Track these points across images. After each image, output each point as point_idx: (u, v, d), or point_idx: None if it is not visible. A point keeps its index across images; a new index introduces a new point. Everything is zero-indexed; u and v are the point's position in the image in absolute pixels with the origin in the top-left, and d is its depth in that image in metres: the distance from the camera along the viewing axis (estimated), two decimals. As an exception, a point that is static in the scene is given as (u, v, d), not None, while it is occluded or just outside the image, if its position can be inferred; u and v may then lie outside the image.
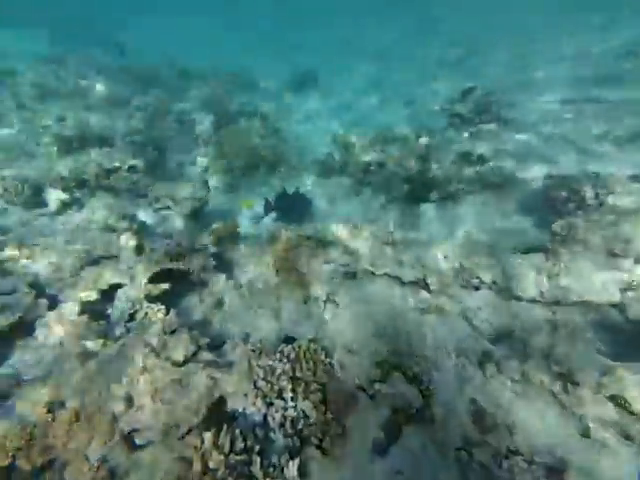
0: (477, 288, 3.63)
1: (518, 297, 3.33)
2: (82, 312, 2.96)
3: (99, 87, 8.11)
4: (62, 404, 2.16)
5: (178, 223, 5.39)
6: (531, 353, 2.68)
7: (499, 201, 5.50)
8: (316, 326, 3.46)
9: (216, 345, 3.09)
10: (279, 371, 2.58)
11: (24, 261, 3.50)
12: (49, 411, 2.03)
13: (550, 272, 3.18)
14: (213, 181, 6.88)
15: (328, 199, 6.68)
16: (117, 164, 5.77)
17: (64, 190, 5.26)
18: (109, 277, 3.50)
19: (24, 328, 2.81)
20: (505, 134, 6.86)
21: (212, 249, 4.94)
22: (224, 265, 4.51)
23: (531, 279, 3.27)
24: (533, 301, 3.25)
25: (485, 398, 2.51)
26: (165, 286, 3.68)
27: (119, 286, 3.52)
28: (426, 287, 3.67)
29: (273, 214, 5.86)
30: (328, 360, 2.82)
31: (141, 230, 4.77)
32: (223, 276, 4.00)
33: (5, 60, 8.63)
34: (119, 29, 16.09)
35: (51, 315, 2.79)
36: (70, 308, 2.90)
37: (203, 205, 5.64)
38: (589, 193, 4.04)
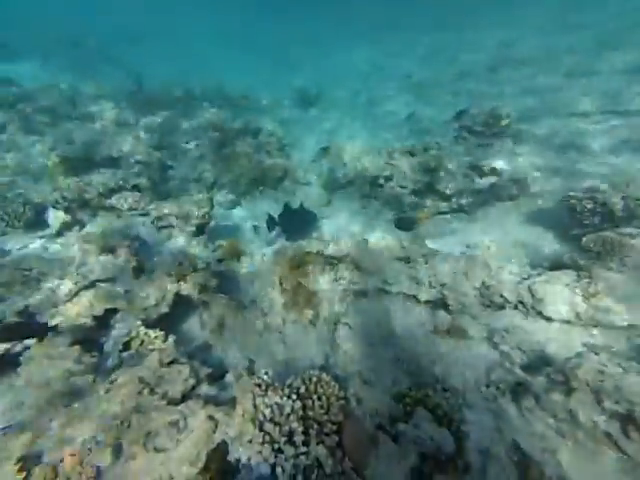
0: (502, 307, 3.30)
1: (548, 318, 2.98)
2: (74, 342, 2.69)
3: (108, 110, 8.22)
4: (38, 457, 1.85)
5: (181, 241, 5.18)
6: (576, 385, 2.31)
7: (516, 214, 5.23)
8: (326, 351, 3.13)
9: (218, 375, 2.78)
10: (288, 410, 2.25)
11: (17, 288, 3.28)
12: (21, 469, 1.72)
13: (586, 291, 2.84)
14: (218, 197, 6.74)
15: (334, 213, 6.47)
16: (120, 183, 5.67)
17: (66, 211, 5.13)
18: (104, 301, 3.25)
19: (9, 360, 2.54)
20: (517, 147, 6.68)
21: (215, 267, 4.72)
22: (227, 284, 4.25)
23: (563, 299, 2.93)
24: (567, 323, 2.90)
25: (527, 441, 2.13)
26: (164, 309, 3.41)
27: (115, 311, 3.27)
28: (445, 307, 3.34)
29: (278, 230, 5.63)
30: (342, 394, 2.48)
31: (141, 250, 4.57)
32: (225, 297, 3.73)
33: (20, 86, 8.86)
34: (128, 50, 16.69)
35: (36, 347, 2.52)
36: (60, 339, 2.63)
37: (207, 222, 5.45)
38: (618, 205, 3.75)
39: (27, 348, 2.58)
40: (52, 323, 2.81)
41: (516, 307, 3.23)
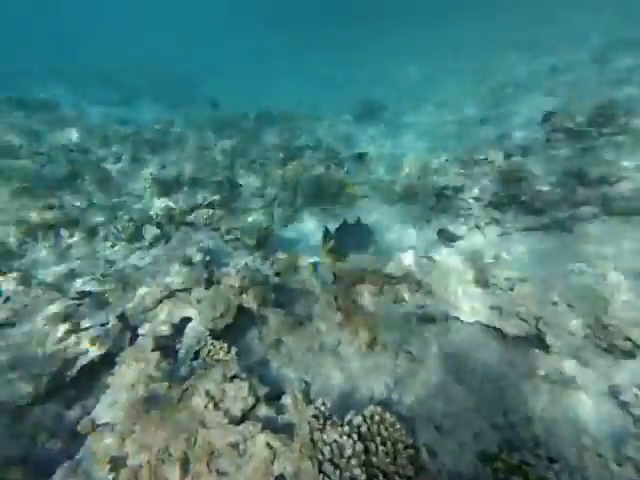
0: (631, 355, 2.46)
1: None
2: (155, 348, 2.98)
3: (191, 136, 9.53)
4: (124, 459, 2.03)
5: (244, 253, 5.48)
6: None
7: (633, 234, 4.04)
8: (387, 383, 2.79)
9: (275, 395, 2.72)
10: (348, 451, 2.01)
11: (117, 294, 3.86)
12: (111, 469, 1.91)
13: None
14: (279, 211, 7.04)
15: (394, 228, 6.06)
16: (200, 201, 6.37)
17: (157, 226, 5.97)
18: (181, 310, 3.56)
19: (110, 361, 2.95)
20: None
21: (274, 280, 4.82)
22: (284, 297, 4.27)
23: None
24: None
25: None
26: (228, 320, 3.57)
27: (189, 320, 3.55)
28: (542, 345, 2.66)
29: (332, 243, 5.49)
30: (411, 441, 2.13)
31: (212, 261, 4.96)
32: (282, 312, 3.72)
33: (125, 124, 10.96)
34: (200, 86, 19.28)
35: (128, 351, 2.86)
36: (145, 343, 2.95)
37: (267, 235, 5.68)
38: None
39: (122, 349, 2.96)
40: (141, 330, 3.18)
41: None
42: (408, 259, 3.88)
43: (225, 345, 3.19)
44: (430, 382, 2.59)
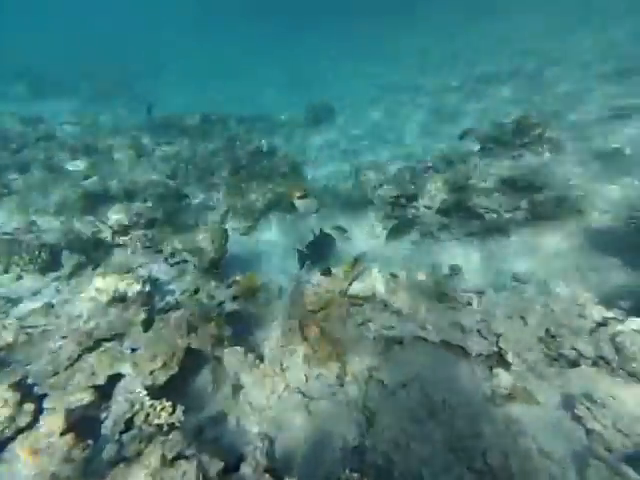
0: (575, 364, 2.57)
1: (649, 382, 2.24)
2: (68, 427, 2.26)
3: (124, 142, 8.23)
4: None
5: (194, 278, 4.80)
6: None
7: (563, 235, 4.45)
8: (360, 423, 2.53)
9: (232, 466, 2.25)
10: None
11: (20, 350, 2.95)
12: None
13: None
14: (232, 224, 6.40)
15: (354, 237, 5.91)
16: (135, 219, 5.43)
17: (80, 251, 4.92)
18: (108, 367, 2.84)
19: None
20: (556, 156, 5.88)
21: (230, 306, 4.28)
22: (243, 327, 3.78)
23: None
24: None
25: None
26: (173, 370, 2.96)
27: (119, 376, 2.85)
28: (503, 363, 2.66)
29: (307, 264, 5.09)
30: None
31: (154, 292, 4.21)
32: (241, 350, 3.23)
33: (38, 122, 9.07)
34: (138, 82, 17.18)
35: (21, 441, 2.11)
36: (52, 423, 2.22)
37: (221, 256, 5.06)
38: None
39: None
40: (46, 404, 2.41)
41: (595, 364, 2.50)
42: (373, 277, 3.70)
43: (168, 404, 2.61)
44: (405, 418, 2.39)
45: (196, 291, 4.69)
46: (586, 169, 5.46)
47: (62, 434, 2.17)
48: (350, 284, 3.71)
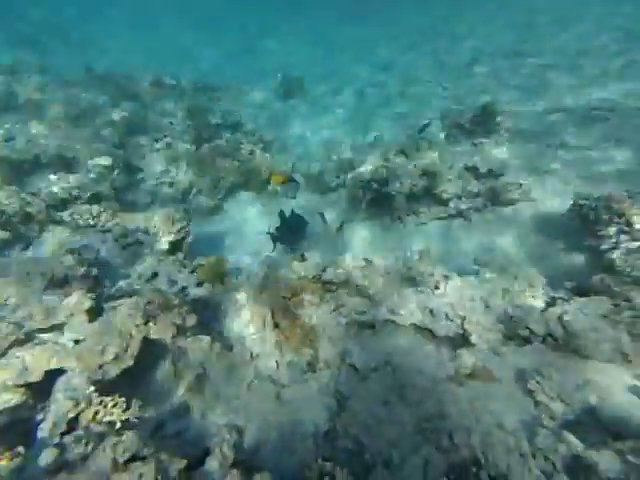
0: (527, 341, 2.83)
1: (587, 356, 2.54)
2: (-10, 436, 1.90)
3: (59, 99, 6.90)
4: None
5: (151, 262, 4.33)
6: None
7: (518, 221, 4.81)
8: (331, 408, 2.53)
9: (197, 459, 2.11)
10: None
11: None
12: None
13: (633, 327, 2.41)
14: (195, 203, 5.85)
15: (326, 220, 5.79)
16: (76, 192, 4.65)
17: (4, 227, 4.10)
18: (45, 362, 2.44)
19: None
20: (511, 145, 6.23)
21: (194, 292, 3.96)
22: (208, 314, 3.52)
23: (606, 334, 2.49)
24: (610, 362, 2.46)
25: None
26: (128, 362, 2.65)
27: (60, 372, 2.47)
28: (466, 343, 2.82)
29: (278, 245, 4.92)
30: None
31: (101, 277, 3.70)
32: (206, 339, 3.00)
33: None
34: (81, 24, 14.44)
35: None
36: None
37: (184, 237, 4.61)
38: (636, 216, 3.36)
39: None
40: (-40, 409, 1.99)
41: (544, 340, 2.77)
42: (346, 262, 3.64)
43: (121, 400, 2.34)
44: (375, 402, 2.43)
45: (154, 276, 4.26)
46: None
47: (-18, 445, 1.81)
48: (324, 270, 3.62)
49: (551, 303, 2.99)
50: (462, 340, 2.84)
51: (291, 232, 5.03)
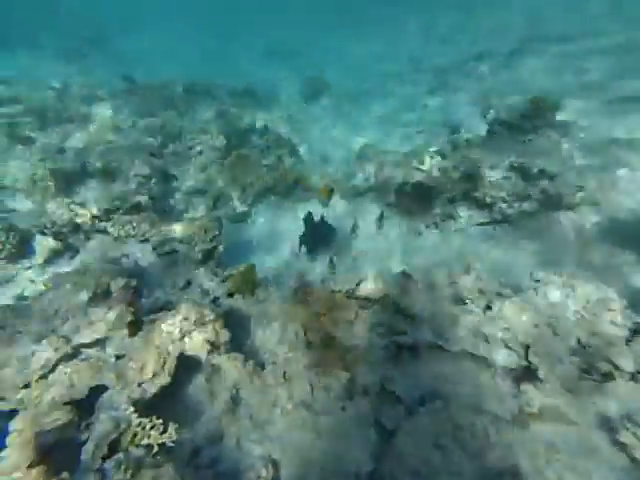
0: (610, 377, 2.36)
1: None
2: (38, 456, 1.93)
3: (104, 111, 7.31)
4: None
5: (186, 270, 4.37)
6: None
7: (586, 229, 4.19)
8: (373, 443, 2.30)
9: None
10: None
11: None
12: None
13: None
14: (226, 210, 5.88)
15: (356, 226, 5.52)
16: (117, 203, 4.84)
17: (55, 237, 4.37)
18: (88, 377, 2.48)
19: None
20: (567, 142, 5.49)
21: (226, 303, 3.93)
22: (240, 330, 3.45)
23: None
24: None
25: None
26: (165, 380, 2.63)
27: (103, 390, 2.50)
28: (531, 375, 2.44)
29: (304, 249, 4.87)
30: None
31: (141, 287, 3.78)
32: (240, 358, 2.91)
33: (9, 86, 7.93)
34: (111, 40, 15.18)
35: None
36: (18, 453, 1.87)
37: (216, 246, 4.61)
38: None
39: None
40: (12, 425, 2.05)
41: (633, 378, 2.31)
42: (382, 277, 3.37)
43: (159, 422, 2.30)
44: (426, 443, 2.16)
45: (187, 284, 4.30)
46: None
47: (30, 466, 1.84)
48: (358, 284, 3.38)
49: (637, 330, 2.50)
50: (526, 372, 2.46)
51: (317, 238, 4.88)
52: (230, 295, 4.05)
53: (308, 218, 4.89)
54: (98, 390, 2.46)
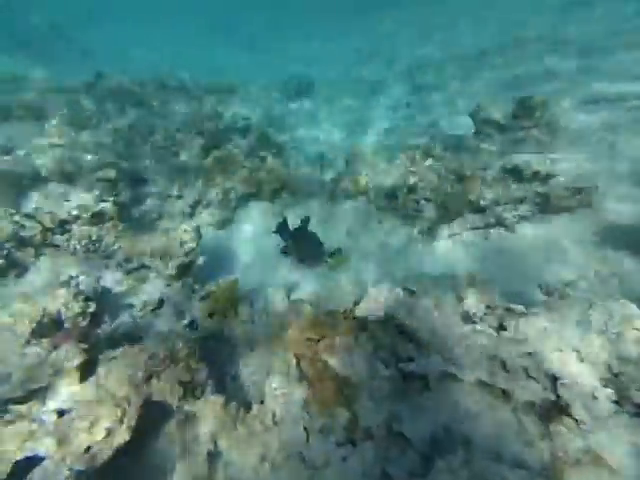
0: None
1: None
2: None
3: (60, 107, 6.43)
4: None
5: (157, 288, 3.77)
6: None
7: (582, 234, 3.97)
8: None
9: None
10: None
11: None
12: None
13: None
14: (204, 217, 5.27)
15: (344, 234, 5.05)
16: (75, 212, 4.13)
17: (-4, 255, 3.62)
18: (16, 447, 1.88)
19: None
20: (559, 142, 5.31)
21: (205, 324, 3.39)
22: (219, 359, 2.92)
23: None
24: None
25: None
26: (122, 437, 2.07)
27: (38, 460, 1.91)
28: (561, 413, 2.09)
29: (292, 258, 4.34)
30: None
31: (100, 310, 3.16)
32: (219, 402, 2.39)
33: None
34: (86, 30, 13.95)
35: None
36: None
37: (193, 260, 4.02)
38: None
39: None
40: None
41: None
42: (382, 294, 2.95)
43: (112, 501, 1.76)
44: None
45: (160, 304, 3.71)
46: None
47: None
48: (356, 303, 2.95)
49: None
50: (555, 407, 2.10)
51: (305, 247, 4.38)
52: (209, 316, 3.51)
53: (282, 227, 4.34)
54: (29, 463, 1.87)
